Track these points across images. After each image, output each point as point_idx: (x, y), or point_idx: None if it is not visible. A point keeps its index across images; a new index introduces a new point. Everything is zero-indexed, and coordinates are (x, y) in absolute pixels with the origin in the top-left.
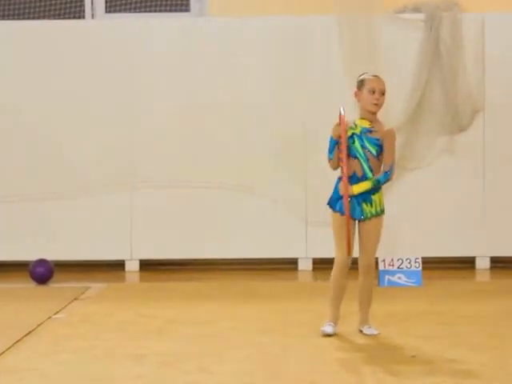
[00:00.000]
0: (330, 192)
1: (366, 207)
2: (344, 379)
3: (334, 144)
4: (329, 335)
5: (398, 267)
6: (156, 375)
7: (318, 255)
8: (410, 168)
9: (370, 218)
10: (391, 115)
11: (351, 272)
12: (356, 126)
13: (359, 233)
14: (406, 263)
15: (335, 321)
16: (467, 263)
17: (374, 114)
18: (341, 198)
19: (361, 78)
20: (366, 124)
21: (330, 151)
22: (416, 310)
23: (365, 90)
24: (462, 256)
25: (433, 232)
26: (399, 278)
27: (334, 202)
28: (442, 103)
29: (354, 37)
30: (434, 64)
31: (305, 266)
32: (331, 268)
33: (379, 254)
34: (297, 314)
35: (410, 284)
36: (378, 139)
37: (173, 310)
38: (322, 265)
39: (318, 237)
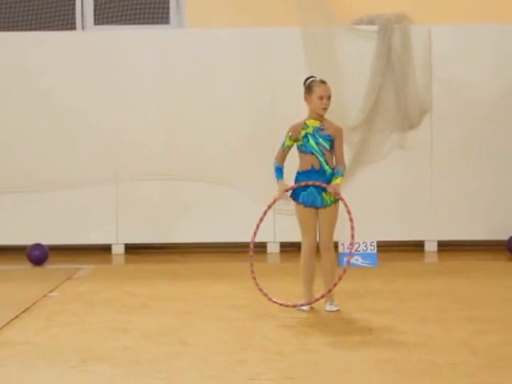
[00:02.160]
0: (291, 183)
1: (326, 196)
2: (308, 349)
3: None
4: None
5: (356, 250)
6: (140, 347)
7: (285, 239)
8: (366, 162)
9: (329, 205)
10: (349, 115)
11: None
12: (308, 125)
13: (319, 218)
14: (362, 246)
15: (310, 299)
16: (417, 246)
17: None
18: (303, 190)
19: (308, 83)
20: (316, 123)
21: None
22: (372, 288)
23: (314, 96)
24: (412, 240)
25: (386, 218)
26: (356, 259)
27: (297, 194)
28: (393, 104)
29: (316, 46)
30: (386, 70)
31: (273, 249)
32: (296, 251)
33: (339, 239)
34: (266, 291)
35: (366, 265)
36: (329, 135)
37: (154, 289)
38: (288, 248)
39: (285, 223)
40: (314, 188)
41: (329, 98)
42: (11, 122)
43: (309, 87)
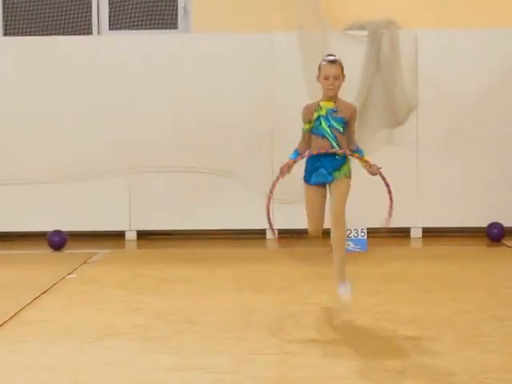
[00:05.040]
0: (288, 175)
1: (335, 173)
2: (305, 327)
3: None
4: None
5: (347, 236)
6: (151, 324)
7: (283, 227)
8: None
9: (340, 179)
10: None
11: None
12: (321, 107)
13: (330, 192)
14: (353, 233)
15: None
16: (403, 233)
17: (334, 96)
18: (316, 170)
19: (319, 62)
20: (330, 105)
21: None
22: (362, 271)
23: (321, 76)
24: (399, 227)
25: (376, 207)
26: (348, 245)
27: (309, 176)
28: (383, 103)
29: (312, 50)
30: (376, 71)
31: (271, 235)
32: (292, 237)
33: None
34: (265, 275)
35: (356, 250)
36: (343, 117)
37: (164, 272)
38: (286, 234)
39: (283, 211)
40: (324, 169)
41: (336, 78)
42: (34, 118)
43: (318, 67)
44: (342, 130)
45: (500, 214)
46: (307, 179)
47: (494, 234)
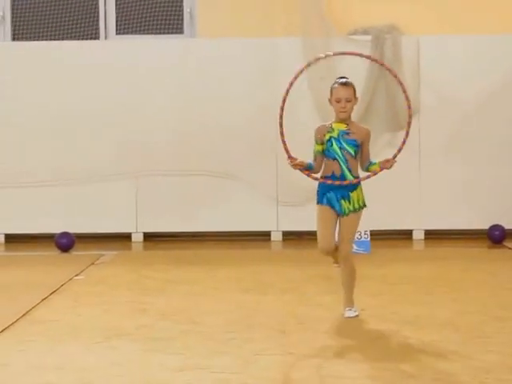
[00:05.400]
0: (293, 178)
1: (344, 204)
2: (309, 328)
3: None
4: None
5: None
6: (156, 325)
7: (287, 229)
8: None
9: (347, 214)
10: None
11: None
12: (333, 129)
13: (339, 224)
14: (357, 235)
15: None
16: (406, 235)
17: (346, 118)
18: (327, 192)
19: (332, 85)
20: (342, 127)
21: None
22: (365, 272)
23: (333, 99)
24: (401, 229)
25: (379, 210)
26: (351, 246)
27: (321, 197)
28: (385, 107)
29: (315, 54)
30: (379, 75)
31: (276, 237)
32: (297, 239)
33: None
34: (269, 276)
35: (360, 251)
36: (355, 140)
37: (170, 273)
38: (290, 236)
39: (287, 214)
40: (334, 193)
41: (348, 100)
42: (41, 122)
43: (330, 89)
44: (353, 153)
45: (501, 217)
46: (319, 200)
47: (496, 236)
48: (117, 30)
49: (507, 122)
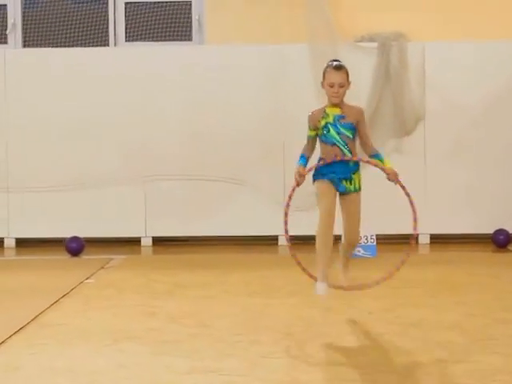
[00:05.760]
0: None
1: (346, 184)
2: (315, 330)
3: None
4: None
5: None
6: (165, 328)
7: (294, 233)
8: (366, 164)
9: (349, 193)
10: None
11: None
12: (327, 114)
13: (341, 205)
14: (363, 239)
15: (323, 279)
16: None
17: (339, 103)
18: (328, 173)
19: (324, 67)
20: (336, 111)
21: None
22: (372, 276)
23: (325, 83)
24: (407, 233)
25: (385, 214)
26: (358, 250)
27: (318, 175)
28: (391, 113)
29: (322, 61)
30: (385, 82)
31: (283, 241)
32: (305, 243)
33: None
34: (276, 280)
35: (366, 256)
36: (351, 123)
37: (178, 277)
38: (297, 241)
39: (294, 218)
40: (336, 175)
41: (341, 85)
42: (52, 128)
43: (323, 72)
44: (351, 136)
45: (506, 221)
46: (316, 177)
47: (500, 241)
48: (126, 37)
49: None
